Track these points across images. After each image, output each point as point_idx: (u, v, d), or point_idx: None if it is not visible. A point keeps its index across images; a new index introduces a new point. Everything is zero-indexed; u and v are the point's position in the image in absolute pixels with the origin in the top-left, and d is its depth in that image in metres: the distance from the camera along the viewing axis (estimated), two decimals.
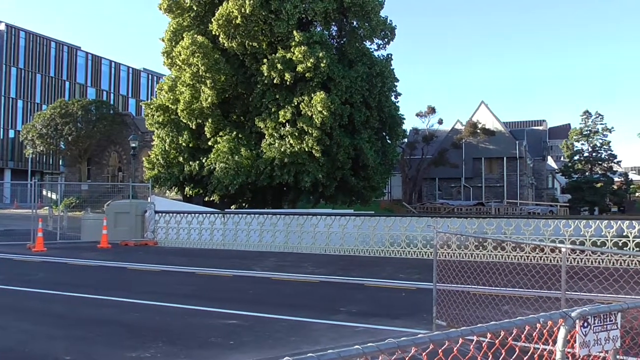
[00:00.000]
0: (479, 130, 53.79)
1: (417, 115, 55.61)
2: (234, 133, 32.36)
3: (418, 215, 28.33)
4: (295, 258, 17.42)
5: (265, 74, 30.66)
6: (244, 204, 35.05)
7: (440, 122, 55.80)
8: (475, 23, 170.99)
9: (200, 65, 30.52)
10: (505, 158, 55.81)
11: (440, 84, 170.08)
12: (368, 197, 36.84)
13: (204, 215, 21.62)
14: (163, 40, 35.01)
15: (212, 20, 31.21)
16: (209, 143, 32.65)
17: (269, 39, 31.57)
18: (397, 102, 37.74)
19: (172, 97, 33.59)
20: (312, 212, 22.43)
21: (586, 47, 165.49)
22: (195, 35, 31.15)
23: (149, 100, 41.51)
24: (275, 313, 9.07)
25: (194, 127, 32.78)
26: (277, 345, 7.07)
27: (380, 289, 11.75)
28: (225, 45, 31.54)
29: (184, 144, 33.40)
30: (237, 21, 30.08)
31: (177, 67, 33.02)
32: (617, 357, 3.57)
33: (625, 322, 3.63)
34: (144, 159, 36.32)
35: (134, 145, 28.93)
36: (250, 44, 31.33)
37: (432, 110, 54.72)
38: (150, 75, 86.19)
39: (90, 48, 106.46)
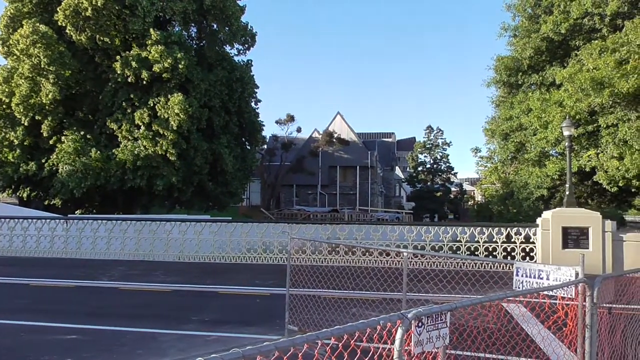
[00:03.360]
0: (334, 140, 56.06)
1: (277, 122, 56.46)
2: (81, 133, 29.95)
3: (275, 221, 28.69)
4: (147, 266, 16.61)
5: (119, 72, 28.87)
6: (91, 209, 32.58)
7: (299, 130, 57.26)
8: (333, 37, 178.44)
9: (42, 57, 27.82)
10: (358, 167, 58.75)
11: (299, 92, 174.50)
12: (226, 202, 36.42)
13: (43, 221, 19.66)
14: None
15: (58, 9, 28.65)
16: (51, 142, 29.83)
17: (123, 35, 29.83)
18: (257, 108, 38.00)
19: (6, 90, 30.09)
20: (166, 217, 21.58)
21: (432, 65, 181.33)
22: (38, 24, 28.33)
23: None
24: (122, 325, 8.53)
25: (29, 123, 29.66)
26: None
27: (234, 296, 11.65)
28: (73, 37, 29.15)
29: (18, 141, 30.05)
30: (87, 13, 27.97)
31: (15, 57, 29.74)
32: (447, 352, 3.92)
33: (454, 320, 4.00)
34: None
35: None
36: (102, 38, 29.31)
37: (291, 118, 55.92)
38: None
39: None
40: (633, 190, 26.69)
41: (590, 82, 23.31)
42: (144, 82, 28.95)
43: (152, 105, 29.48)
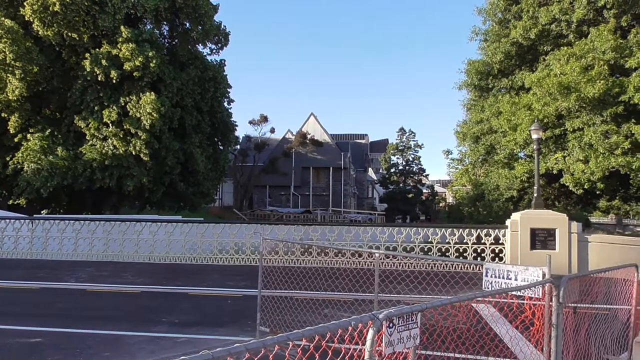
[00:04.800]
0: (308, 141, 56.03)
1: (250, 122, 56.12)
2: (48, 130, 29.25)
3: (247, 222, 28.51)
4: (116, 267, 16.34)
5: (88, 70, 28.27)
6: (58, 209, 31.84)
7: (273, 130, 57.01)
8: (309, 40, 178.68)
9: (7, 53, 27.05)
10: (331, 168, 58.84)
11: (272, 93, 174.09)
12: (197, 203, 36.01)
13: (7, 221, 19.13)
14: None
15: (25, 3, 27.91)
16: (16, 139, 29.04)
17: (92, 31, 29.20)
18: (230, 108, 37.68)
19: None
20: (136, 218, 21.24)
21: (405, 67, 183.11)
22: (3, 19, 27.56)
23: None
24: (89, 327, 8.35)
25: None
26: None
27: (206, 298, 11.54)
28: (40, 33, 28.42)
29: None
30: (55, 8, 27.30)
31: None
32: (417, 352, 3.95)
33: (425, 320, 4.03)
34: None
35: None
36: (70, 34, 28.65)
37: (264, 118, 55.64)
38: None
39: None
40: (598, 192, 27.38)
41: (558, 86, 23.86)
42: (114, 81, 28.43)
43: (122, 104, 28.98)
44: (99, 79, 28.36)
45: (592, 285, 5.75)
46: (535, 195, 17.86)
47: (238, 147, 50.98)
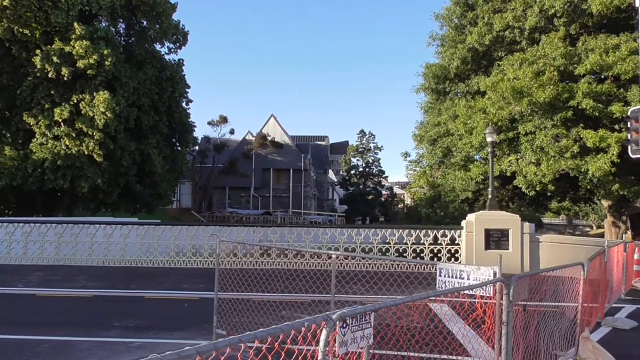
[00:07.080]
0: (268, 142, 55.74)
1: (209, 123, 55.30)
2: None
3: (205, 224, 28.17)
4: (68, 271, 15.85)
5: (38, 66, 27.31)
6: (7, 211, 30.63)
7: (232, 132, 56.38)
8: (269, 42, 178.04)
9: None
10: (291, 170, 58.75)
11: (232, 95, 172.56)
12: (154, 205, 35.29)
13: None
14: None
15: None
16: None
17: (45, 27, 28.23)
18: (189, 108, 37.11)
19: None
20: (90, 220, 20.68)
21: (365, 70, 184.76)
22: None
23: None
24: (37, 334, 8.07)
25: None
26: None
27: (161, 301, 11.33)
28: None
29: None
30: (5, 3, 26.28)
31: None
32: (370, 351, 3.99)
33: (380, 320, 4.08)
34: None
35: None
36: (21, 30, 27.63)
37: (224, 119, 54.98)
38: None
39: None
40: (549, 194, 28.34)
41: (511, 91, 24.59)
42: (66, 78, 27.55)
43: (75, 102, 28.12)
44: (50, 76, 27.44)
45: (541, 283, 5.93)
46: (489, 197, 18.34)
47: (197, 148, 50.22)
